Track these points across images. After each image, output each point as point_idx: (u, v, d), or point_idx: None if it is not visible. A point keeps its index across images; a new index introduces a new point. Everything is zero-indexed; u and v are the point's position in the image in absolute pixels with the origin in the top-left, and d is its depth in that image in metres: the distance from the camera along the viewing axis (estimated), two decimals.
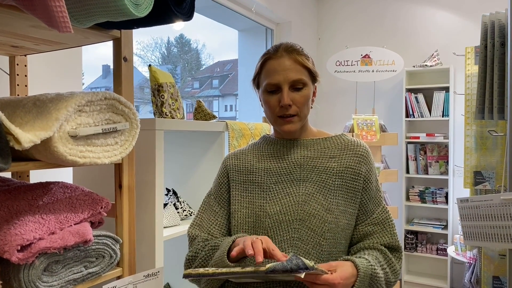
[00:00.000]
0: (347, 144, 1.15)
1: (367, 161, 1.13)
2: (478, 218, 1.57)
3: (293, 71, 1.08)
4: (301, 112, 1.10)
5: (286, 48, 1.11)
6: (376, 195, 1.13)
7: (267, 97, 1.11)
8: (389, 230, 1.11)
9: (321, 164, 1.11)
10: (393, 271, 1.08)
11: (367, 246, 1.09)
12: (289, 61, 1.08)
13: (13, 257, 0.92)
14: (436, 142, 3.92)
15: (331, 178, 1.09)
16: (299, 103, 1.08)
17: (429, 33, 4.08)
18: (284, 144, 1.17)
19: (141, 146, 1.42)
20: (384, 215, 1.12)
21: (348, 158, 1.12)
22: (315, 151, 1.14)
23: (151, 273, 1.23)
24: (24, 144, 0.86)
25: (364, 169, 1.11)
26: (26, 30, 1.05)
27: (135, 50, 3.60)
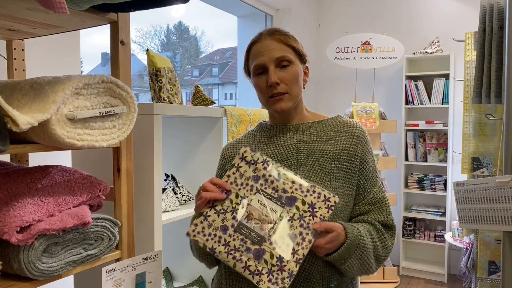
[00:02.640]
0: (343, 125, 1.16)
1: (363, 142, 1.13)
2: (473, 201, 1.58)
3: (277, 50, 1.09)
4: (291, 90, 1.10)
5: (269, 31, 1.13)
6: (373, 175, 1.14)
7: (256, 80, 1.12)
8: (384, 209, 1.12)
9: (317, 148, 1.12)
10: (384, 246, 1.09)
11: (362, 220, 1.11)
12: (271, 41, 1.10)
13: (13, 238, 0.93)
14: (436, 130, 3.92)
15: (327, 161, 1.10)
16: (287, 80, 1.09)
17: (430, 20, 4.05)
18: (280, 130, 1.18)
19: (139, 131, 1.42)
20: (380, 194, 1.13)
21: (344, 140, 1.12)
22: (311, 134, 1.15)
23: (150, 256, 1.25)
24: (22, 126, 0.87)
25: (361, 150, 1.12)
26: (22, 12, 1.04)
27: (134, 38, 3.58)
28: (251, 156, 1.01)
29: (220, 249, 0.93)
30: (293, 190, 0.97)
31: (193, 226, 0.96)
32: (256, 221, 0.94)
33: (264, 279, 0.89)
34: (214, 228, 0.95)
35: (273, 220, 0.94)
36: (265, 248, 0.92)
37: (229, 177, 1.00)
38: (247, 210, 0.96)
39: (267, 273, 0.90)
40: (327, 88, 4.52)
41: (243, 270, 0.91)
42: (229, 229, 0.95)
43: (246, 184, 0.99)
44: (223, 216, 0.96)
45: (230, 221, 0.95)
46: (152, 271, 1.25)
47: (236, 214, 0.96)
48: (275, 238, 0.92)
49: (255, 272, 0.90)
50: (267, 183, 0.98)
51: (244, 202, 0.97)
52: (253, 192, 0.97)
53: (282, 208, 0.95)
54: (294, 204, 0.95)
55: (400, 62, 3.95)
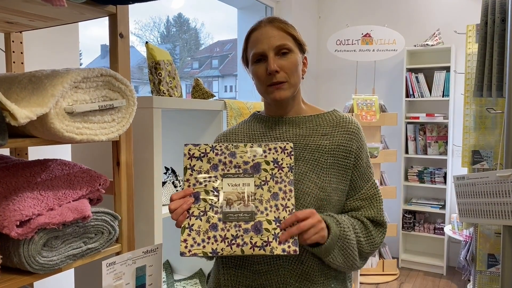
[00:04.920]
0: (339, 121, 1.14)
1: (358, 138, 1.12)
2: (474, 195, 1.58)
3: (277, 37, 1.08)
4: (290, 79, 1.08)
5: (268, 19, 1.11)
6: (366, 171, 1.13)
7: (255, 67, 1.10)
8: (375, 205, 1.12)
9: (313, 142, 1.11)
10: (370, 242, 1.09)
11: (351, 215, 1.10)
12: (271, 29, 1.09)
13: (12, 232, 0.93)
14: (436, 122, 3.91)
15: (323, 156, 1.09)
16: (286, 68, 1.07)
17: (431, 12, 4.02)
18: (276, 122, 1.16)
19: (139, 125, 1.42)
20: (373, 190, 1.13)
21: (339, 136, 1.11)
22: (307, 129, 1.13)
23: (150, 249, 1.25)
24: (20, 120, 0.86)
25: (355, 146, 1.11)
26: (20, 5, 1.03)
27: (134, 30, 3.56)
28: (198, 150, 0.99)
29: (221, 246, 0.93)
30: (252, 158, 0.98)
31: (183, 244, 0.93)
32: (238, 202, 0.95)
33: (274, 245, 0.92)
34: (203, 232, 0.94)
35: (251, 193, 0.96)
36: (259, 219, 0.94)
37: (189, 180, 0.98)
38: (224, 198, 0.96)
39: (274, 238, 0.92)
40: (327, 81, 4.50)
41: (252, 250, 0.92)
42: (218, 224, 0.94)
43: (209, 177, 0.98)
44: (206, 217, 0.95)
45: (215, 217, 0.95)
46: (152, 264, 1.26)
47: (216, 208, 0.95)
48: (262, 206, 0.95)
49: (263, 244, 0.92)
50: (226, 165, 0.98)
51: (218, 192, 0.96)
52: (220, 180, 0.97)
53: (252, 178, 0.97)
54: (261, 169, 0.98)
55: (401, 55, 3.93)
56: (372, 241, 1.09)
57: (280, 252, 0.92)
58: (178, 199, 0.96)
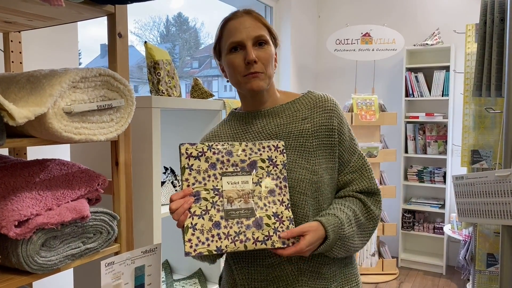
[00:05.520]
0: (315, 101, 1.15)
1: (336, 114, 1.13)
2: (472, 195, 1.58)
3: (255, 28, 1.08)
4: (267, 70, 1.08)
5: (245, 10, 1.13)
6: (351, 144, 1.14)
7: (231, 57, 1.08)
8: (366, 175, 1.13)
9: (295, 128, 1.11)
10: (371, 218, 1.12)
11: (347, 194, 1.12)
12: (249, 19, 1.09)
13: (11, 232, 0.93)
14: (435, 122, 3.91)
15: (308, 141, 1.10)
16: (264, 59, 1.07)
17: (430, 11, 4.02)
18: (255, 116, 1.15)
19: (138, 124, 1.41)
20: (360, 161, 1.14)
21: (319, 116, 1.12)
22: (287, 116, 1.13)
23: (149, 249, 1.25)
24: (18, 120, 0.86)
25: (336, 122, 1.12)
26: (18, 4, 1.03)
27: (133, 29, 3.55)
28: (195, 149, 0.99)
29: (225, 244, 0.94)
30: (248, 156, 1.02)
31: (188, 243, 0.93)
32: (238, 199, 0.98)
33: (274, 239, 0.96)
34: (207, 231, 0.95)
35: (250, 190, 0.99)
36: (259, 215, 0.98)
37: (188, 180, 0.98)
38: (224, 196, 0.98)
39: (274, 232, 0.97)
40: (327, 80, 4.50)
41: (254, 245, 0.95)
42: (221, 222, 0.96)
43: (208, 176, 0.99)
44: (208, 216, 0.96)
45: (217, 214, 0.96)
46: (151, 264, 1.26)
47: (218, 206, 0.97)
48: (261, 202, 0.99)
49: (265, 238, 0.96)
50: (224, 164, 1.00)
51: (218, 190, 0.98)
52: (219, 179, 0.99)
53: (250, 176, 1.01)
54: (257, 167, 1.01)
55: (401, 54, 3.92)
56: (373, 217, 1.12)
57: (281, 245, 0.96)
58: (178, 199, 0.96)
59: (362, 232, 1.11)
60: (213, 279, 1.89)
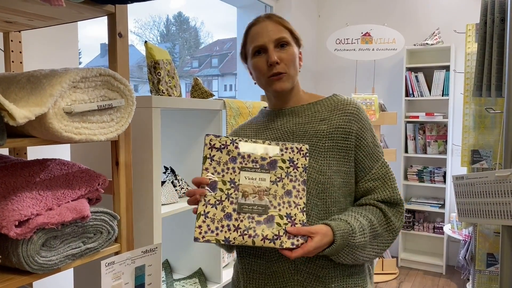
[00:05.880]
0: (337, 104, 1.16)
1: (358, 118, 1.13)
2: (473, 195, 1.58)
3: (275, 31, 1.12)
4: (289, 70, 1.12)
5: (266, 15, 1.16)
6: (374, 151, 1.14)
7: (255, 60, 1.14)
8: (389, 184, 1.12)
9: (311, 129, 1.14)
10: (390, 229, 1.11)
11: (367, 202, 1.12)
12: (270, 23, 1.13)
13: (11, 232, 0.93)
14: (436, 122, 3.91)
15: (321, 141, 1.11)
16: (286, 60, 1.11)
17: (430, 11, 4.02)
18: (277, 114, 1.20)
19: (138, 124, 1.41)
20: (384, 169, 1.13)
21: (338, 118, 1.13)
22: (306, 116, 1.16)
23: (149, 249, 1.25)
24: (19, 120, 0.86)
25: (356, 127, 1.12)
26: (18, 4, 1.03)
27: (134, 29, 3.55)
28: (219, 141, 1.02)
29: (233, 236, 0.96)
30: (270, 155, 1.03)
31: (197, 229, 0.96)
32: (253, 195, 0.99)
33: (284, 239, 0.96)
34: (218, 220, 0.96)
35: (266, 188, 1.00)
36: (272, 213, 0.98)
37: (207, 169, 1.00)
38: (240, 190, 0.99)
39: (284, 233, 0.97)
40: (327, 80, 4.50)
41: (263, 242, 0.96)
42: (232, 214, 0.97)
43: (227, 168, 1.00)
44: (221, 206, 0.98)
45: (230, 206, 0.98)
46: (151, 264, 1.26)
47: (232, 198, 0.98)
48: (276, 201, 0.99)
49: (274, 237, 0.96)
50: (244, 159, 1.01)
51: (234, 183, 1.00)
52: (237, 172, 1.00)
53: (268, 174, 1.01)
54: (277, 166, 1.02)
55: (401, 54, 3.92)
56: (392, 228, 1.11)
57: (289, 245, 0.96)
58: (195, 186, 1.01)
59: (378, 243, 1.10)
60: (213, 278, 1.89)
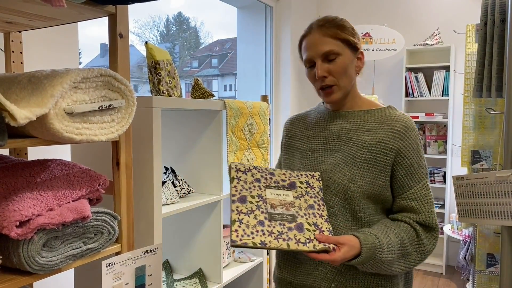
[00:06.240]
0: (386, 118, 1.17)
1: (402, 136, 1.13)
2: (473, 196, 1.58)
3: (323, 44, 1.13)
4: (339, 82, 1.15)
5: (318, 23, 1.16)
6: (416, 171, 1.13)
7: (308, 72, 1.20)
8: (426, 208, 1.12)
9: (356, 137, 1.16)
10: (420, 251, 1.12)
11: (403, 220, 1.13)
12: (318, 35, 1.14)
13: (12, 233, 0.93)
14: (435, 122, 3.91)
15: (360, 151, 1.14)
16: (335, 72, 1.13)
17: (430, 11, 4.02)
18: (329, 115, 1.24)
19: (138, 124, 1.42)
20: (423, 192, 1.13)
21: (382, 133, 1.14)
22: (355, 123, 1.18)
23: (150, 249, 1.25)
24: (20, 120, 0.86)
25: (398, 144, 1.12)
26: (19, 5, 1.03)
27: (133, 29, 3.55)
28: (243, 167, 1.15)
29: (269, 239, 1.02)
30: (288, 178, 1.15)
31: (234, 233, 1.02)
32: (280, 206, 1.09)
33: (315, 242, 1.03)
34: (252, 226, 1.03)
35: (291, 201, 1.10)
36: (301, 221, 1.06)
37: (236, 187, 1.11)
38: (268, 202, 1.09)
39: (315, 237, 1.04)
40: None
41: (297, 245, 1.02)
42: (264, 221, 1.05)
43: (253, 186, 1.12)
44: (253, 215, 1.06)
45: (262, 215, 1.06)
46: (152, 264, 1.26)
47: (262, 208, 1.08)
48: (301, 212, 1.09)
49: (307, 241, 1.03)
50: (267, 180, 1.14)
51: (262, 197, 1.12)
52: (263, 189, 1.12)
53: (290, 192, 1.12)
54: (296, 186, 1.13)
55: (401, 54, 3.93)
56: (423, 249, 1.12)
57: (322, 246, 1.02)
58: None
59: (406, 261, 1.11)
60: (213, 279, 1.89)
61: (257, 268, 2.18)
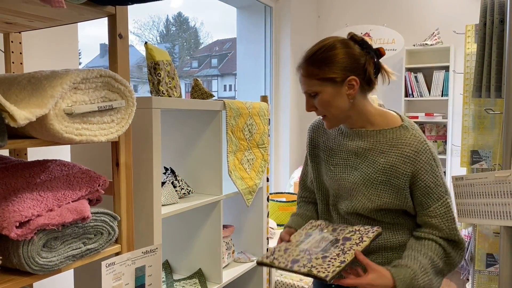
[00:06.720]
0: (397, 141, 1.17)
1: (414, 161, 1.15)
2: (472, 196, 1.58)
3: (304, 84, 1.19)
4: (327, 113, 1.19)
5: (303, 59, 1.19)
6: (433, 191, 1.16)
7: None
8: (446, 224, 1.16)
9: (371, 157, 1.19)
10: (449, 263, 1.16)
11: (426, 237, 1.17)
12: (303, 73, 1.19)
13: (12, 233, 0.93)
14: (435, 122, 3.92)
15: (376, 173, 1.18)
16: (319, 106, 1.19)
17: (430, 11, 4.02)
18: (346, 130, 1.26)
19: (138, 125, 1.42)
20: (442, 209, 1.16)
21: (394, 157, 1.16)
22: (369, 143, 1.20)
23: (150, 249, 1.25)
24: (20, 121, 0.86)
25: (410, 170, 1.15)
26: (19, 5, 1.03)
27: (133, 29, 3.55)
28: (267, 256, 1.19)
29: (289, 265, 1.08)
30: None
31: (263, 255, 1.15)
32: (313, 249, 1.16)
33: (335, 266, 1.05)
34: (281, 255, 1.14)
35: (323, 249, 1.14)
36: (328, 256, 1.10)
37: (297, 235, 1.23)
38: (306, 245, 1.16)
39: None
40: None
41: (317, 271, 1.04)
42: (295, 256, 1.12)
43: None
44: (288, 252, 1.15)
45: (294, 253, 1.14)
46: (151, 264, 1.26)
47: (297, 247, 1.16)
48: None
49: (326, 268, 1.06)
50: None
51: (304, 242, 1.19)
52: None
53: None
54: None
55: (400, 54, 3.93)
56: (451, 262, 1.16)
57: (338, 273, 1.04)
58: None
59: (441, 276, 1.16)
60: (213, 279, 1.89)
61: (257, 269, 2.18)
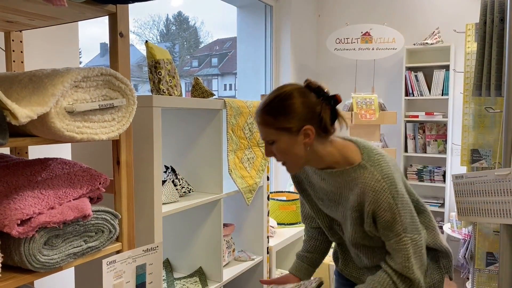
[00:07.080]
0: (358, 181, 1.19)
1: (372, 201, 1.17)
2: (472, 194, 1.59)
3: (262, 131, 1.21)
4: (286, 159, 1.22)
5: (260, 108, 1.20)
6: (392, 228, 1.18)
7: None
8: (400, 260, 1.19)
9: (345, 193, 1.24)
10: None
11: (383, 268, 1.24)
12: (260, 121, 1.20)
13: (13, 231, 0.93)
14: (435, 121, 3.92)
15: (350, 210, 1.23)
16: (277, 153, 1.21)
17: (430, 10, 4.02)
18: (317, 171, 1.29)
19: (139, 123, 1.42)
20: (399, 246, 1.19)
21: (357, 196, 1.20)
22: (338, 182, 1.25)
23: (150, 247, 1.26)
24: (21, 119, 0.87)
25: (371, 207, 1.18)
26: (20, 4, 1.03)
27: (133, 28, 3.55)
28: None
29: None
30: None
31: None
32: None
33: None
34: None
35: None
36: None
37: None
38: None
39: None
40: (327, 79, 4.50)
41: None
42: None
43: None
44: None
45: None
46: (152, 262, 1.26)
47: None
48: None
49: None
50: None
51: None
52: None
53: None
54: None
55: (400, 53, 3.93)
56: None
57: None
58: None
59: None
60: (213, 277, 1.89)
61: (257, 267, 2.19)
